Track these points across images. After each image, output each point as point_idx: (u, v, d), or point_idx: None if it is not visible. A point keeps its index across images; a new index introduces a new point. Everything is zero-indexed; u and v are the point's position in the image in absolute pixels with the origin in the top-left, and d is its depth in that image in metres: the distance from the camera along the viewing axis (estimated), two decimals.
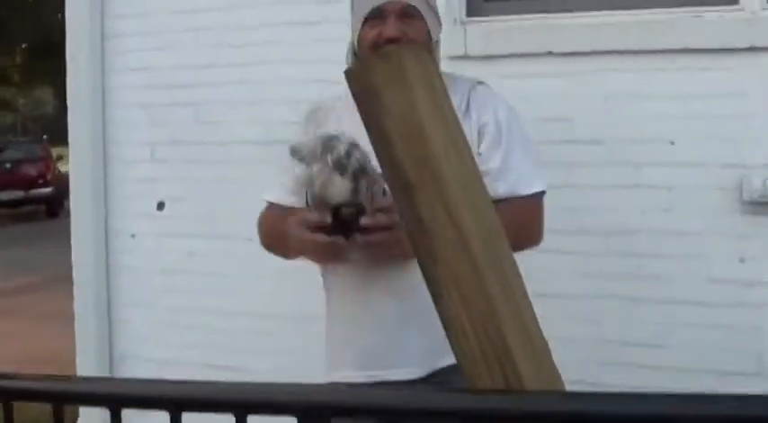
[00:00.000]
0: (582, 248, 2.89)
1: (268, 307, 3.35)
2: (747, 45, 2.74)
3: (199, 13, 3.44)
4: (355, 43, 1.94)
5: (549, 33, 2.97)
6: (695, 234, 2.82)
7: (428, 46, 1.87)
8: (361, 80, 1.26)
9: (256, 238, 2.15)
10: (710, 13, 2.82)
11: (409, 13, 1.86)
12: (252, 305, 3.39)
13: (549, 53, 2.95)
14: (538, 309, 1.18)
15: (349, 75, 1.28)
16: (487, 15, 3.13)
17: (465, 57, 3.03)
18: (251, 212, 3.31)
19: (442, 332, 1.18)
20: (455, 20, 3.10)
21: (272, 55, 3.31)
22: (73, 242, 3.69)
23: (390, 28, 1.84)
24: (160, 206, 3.54)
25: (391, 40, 1.84)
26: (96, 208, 3.62)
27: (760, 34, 2.75)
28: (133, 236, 3.61)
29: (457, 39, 3.05)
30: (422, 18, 1.88)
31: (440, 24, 1.98)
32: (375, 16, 1.86)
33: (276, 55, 3.31)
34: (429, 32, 1.92)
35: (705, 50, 2.80)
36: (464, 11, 3.14)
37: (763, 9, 2.78)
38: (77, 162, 3.69)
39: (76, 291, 3.67)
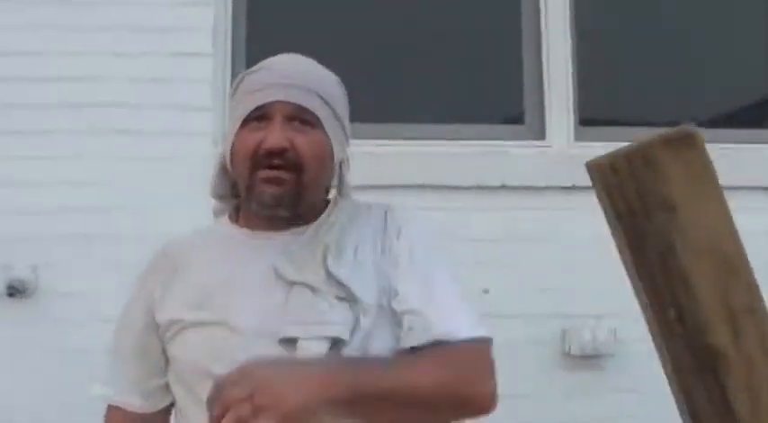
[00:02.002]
0: None
1: None
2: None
3: None
4: (227, 154, 1.40)
5: None
6: None
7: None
8: (640, 190, 0.67)
9: None
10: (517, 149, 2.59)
11: (302, 118, 1.35)
12: None
13: None
14: None
15: (600, 173, 0.69)
16: None
17: None
18: None
19: None
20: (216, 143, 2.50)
21: None
22: None
23: (274, 134, 1.32)
24: None
25: (273, 153, 1.32)
26: None
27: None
28: None
29: None
30: (320, 127, 1.37)
31: (347, 140, 1.45)
32: (257, 118, 1.35)
33: None
34: (331, 149, 1.39)
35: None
36: None
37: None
38: None
39: None
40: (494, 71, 2.73)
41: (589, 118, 2.69)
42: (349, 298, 1.29)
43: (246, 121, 1.35)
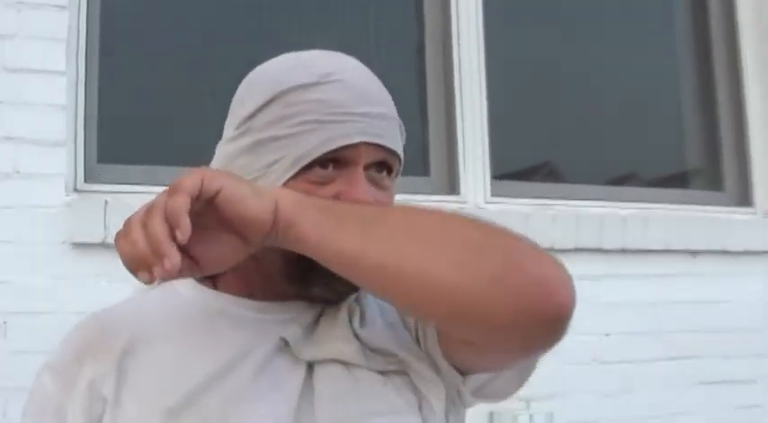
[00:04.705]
0: None
1: None
2: None
3: None
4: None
5: None
6: None
7: None
8: None
9: None
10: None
11: (382, 166, 0.94)
12: None
13: None
14: None
15: None
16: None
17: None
18: None
19: None
20: (71, 188, 2.00)
21: None
22: None
23: (360, 190, 0.90)
24: None
25: None
26: None
27: None
28: None
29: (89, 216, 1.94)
30: (394, 174, 0.97)
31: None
32: (321, 161, 0.90)
33: None
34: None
35: None
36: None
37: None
38: None
39: None
40: None
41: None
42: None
43: (309, 167, 0.89)
